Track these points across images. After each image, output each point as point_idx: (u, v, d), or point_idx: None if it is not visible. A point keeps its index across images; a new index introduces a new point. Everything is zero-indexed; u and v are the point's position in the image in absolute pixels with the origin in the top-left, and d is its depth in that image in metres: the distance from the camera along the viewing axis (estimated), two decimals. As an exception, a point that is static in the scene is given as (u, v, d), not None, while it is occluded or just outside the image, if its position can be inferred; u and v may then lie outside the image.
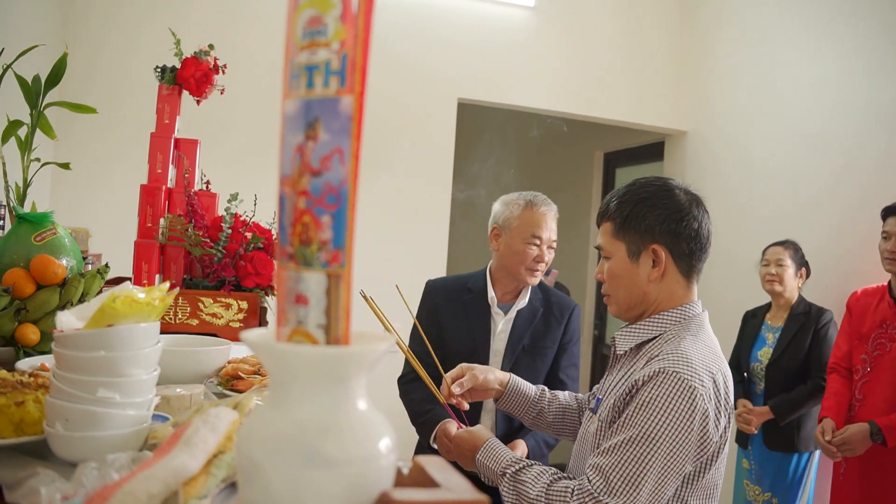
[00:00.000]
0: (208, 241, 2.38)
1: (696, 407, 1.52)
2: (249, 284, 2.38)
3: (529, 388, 2.08)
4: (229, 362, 1.56)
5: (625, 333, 1.79)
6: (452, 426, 2.44)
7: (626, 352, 1.77)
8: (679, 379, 1.53)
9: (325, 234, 0.58)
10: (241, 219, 2.47)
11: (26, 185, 2.75)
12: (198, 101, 2.66)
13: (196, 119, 3.12)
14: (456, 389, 1.95)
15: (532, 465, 1.66)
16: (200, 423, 0.77)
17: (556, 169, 7.14)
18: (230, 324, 2.35)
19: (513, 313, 2.72)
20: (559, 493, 1.55)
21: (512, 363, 2.66)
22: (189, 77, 2.54)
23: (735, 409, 3.86)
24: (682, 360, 1.57)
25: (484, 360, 2.65)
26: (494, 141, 6.92)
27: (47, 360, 1.41)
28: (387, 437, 0.62)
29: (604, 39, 5.18)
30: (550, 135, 6.97)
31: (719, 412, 1.58)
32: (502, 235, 2.76)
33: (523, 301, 2.74)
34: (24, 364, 1.35)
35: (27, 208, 2.73)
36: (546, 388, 2.13)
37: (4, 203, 2.59)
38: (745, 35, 4.85)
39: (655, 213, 1.72)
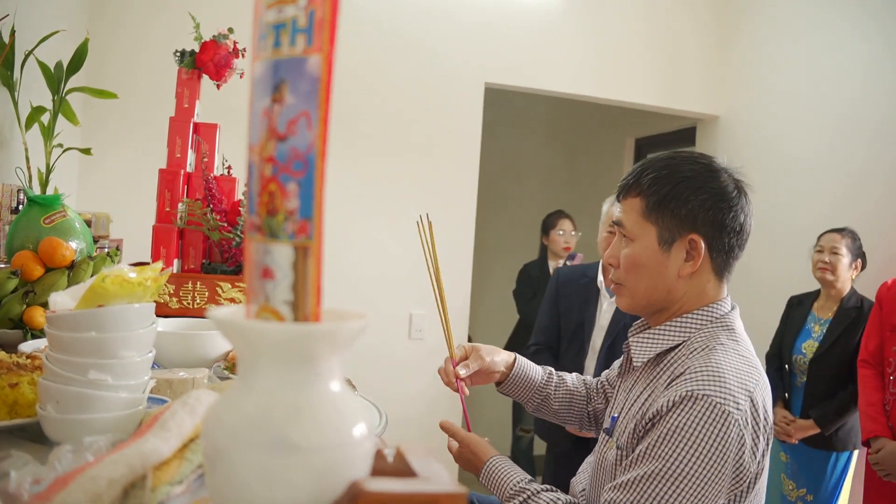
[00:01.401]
0: (226, 225, 2.35)
1: (730, 435, 1.29)
2: (268, 269, 2.36)
3: (536, 372, 1.92)
4: (238, 346, 1.53)
5: (642, 340, 1.54)
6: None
7: (642, 364, 1.54)
8: (711, 404, 1.30)
9: (292, 202, 0.54)
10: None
11: (49, 170, 2.76)
12: (218, 86, 2.64)
13: (217, 103, 3.10)
14: (462, 371, 1.78)
15: (541, 491, 1.49)
16: (179, 406, 0.74)
17: (586, 155, 7.06)
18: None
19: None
20: None
21: (612, 339, 3.08)
22: (208, 61, 2.52)
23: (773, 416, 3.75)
24: (713, 378, 1.33)
25: (588, 335, 3.17)
26: (522, 126, 6.86)
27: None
28: (362, 423, 0.58)
29: (634, 22, 5.08)
30: (580, 120, 6.90)
31: (757, 437, 1.35)
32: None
33: None
34: (28, 346, 1.33)
35: (50, 193, 2.74)
36: (554, 372, 1.96)
37: (22, 187, 2.59)
38: (781, 16, 4.74)
39: (700, 198, 1.46)
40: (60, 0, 3.63)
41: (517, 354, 1.92)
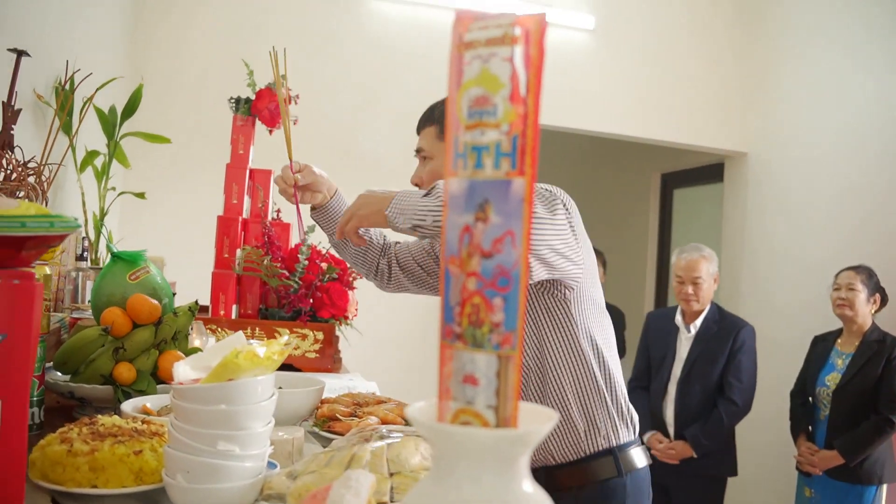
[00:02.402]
0: (285, 272, 2.40)
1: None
2: (325, 315, 2.40)
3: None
4: (323, 402, 1.56)
5: None
6: None
7: None
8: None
9: (497, 316, 0.58)
10: (317, 249, 2.49)
11: (103, 213, 2.81)
12: (270, 131, 2.69)
13: (269, 148, 3.15)
14: (299, 177, 1.96)
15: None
16: (343, 489, 0.77)
17: (612, 190, 7.10)
18: (306, 354, 2.37)
19: (693, 330, 3.84)
20: None
21: (689, 368, 3.78)
22: (263, 108, 2.57)
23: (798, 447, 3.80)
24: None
25: (669, 365, 3.88)
26: (550, 163, 6.90)
27: (148, 401, 1.43)
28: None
29: (663, 61, 5.13)
30: (606, 156, 6.94)
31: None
32: None
33: (699, 321, 3.83)
34: (128, 406, 1.36)
35: (104, 236, 2.79)
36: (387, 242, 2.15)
37: (84, 235, 2.64)
38: (810, 55, 4.78)
39: None
40: (117, 47, 3.70)
41: (338, 190, 2.08)
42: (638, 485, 1.79)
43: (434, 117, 1.91)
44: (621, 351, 4.88)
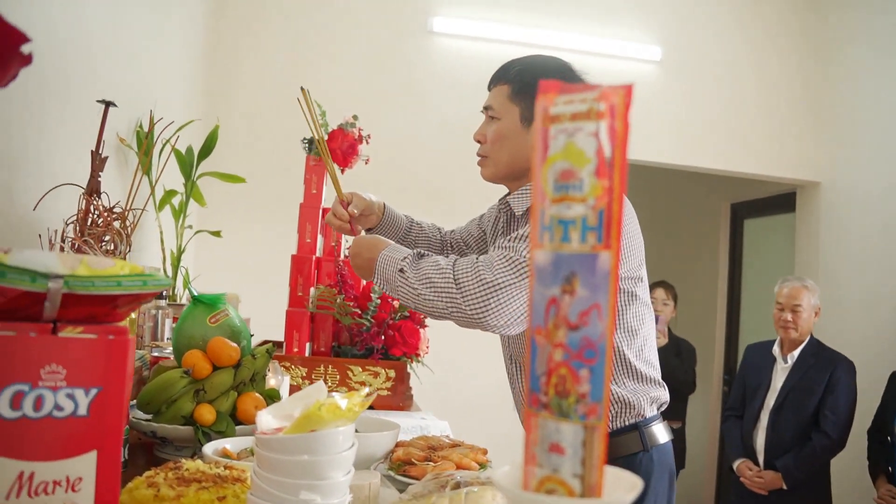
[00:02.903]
0: (357, 311, 2.43)
1: None
2: (397, 353, 2.42)
3: (402, 219, 2.19)
4: (398, 445, 1.58)
5: (518, 196, 1.85)
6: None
7: (523, 213, 1.83)
8: None
9: (584, 387, 0.59)
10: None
11: (180, 251, 2.89)
12: (342, 170, 2.73)
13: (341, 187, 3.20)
14: (354, 211, 2.03)
15: (425, 256, 1.68)
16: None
17: (680, 222, 7.03)
18: (378, 391, 2.39)
19: (790, 360, 3.85)
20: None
21: (782, 400, 3.79)
22: (336, 148, 2.62)
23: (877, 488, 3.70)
24: None
25: (764, 392, 3.91)
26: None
27: (228, 443, 1.46)
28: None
29: (731, 89, 5.09)
30: (673, 187, 6.88)
31: None
32: None
33: (797, 352, 3.84)
34: (209, 449, 1.40)
35: (180, 274, 2.87)
36: (412, 219, 2.23)
37: (163, 273, 2.71)
38: (883, 79, 4.68)
39: None
40: (194, 91, 3.82)
41: (386, 203, 2.17)
42: (662, 458, 1.86)
43: (509, 76, 1.87)
44: (691, 385, 4.85)
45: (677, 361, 4.73)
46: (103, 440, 0.90)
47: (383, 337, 2.43)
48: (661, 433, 1.88)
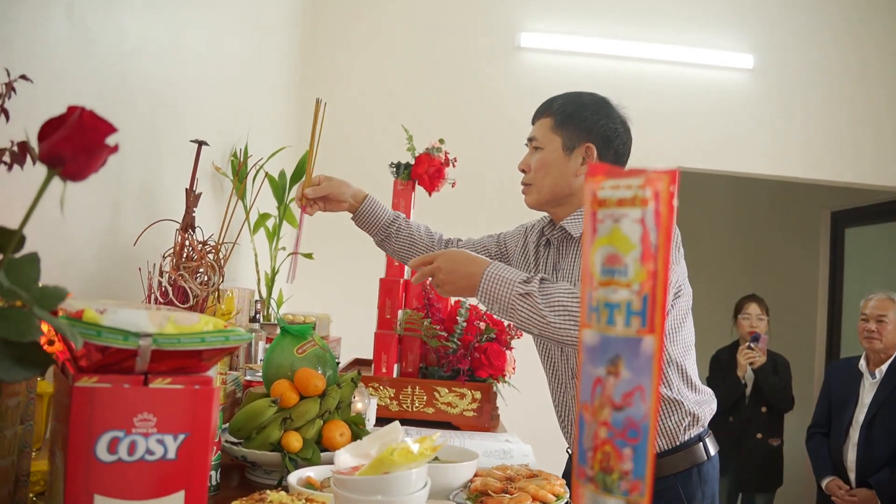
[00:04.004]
0: (444, 334, 2.47)
1: None
2: (483, 375, 2.45)
3: (383, 213, 2.29)
4: (477, 474, 1.61)
5: (572, 220, 1.99)
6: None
7: (580, 235, 1.89)
8: None
9: (627, 465, 0.61)
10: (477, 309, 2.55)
11: (274, 272, 2.99)
12: (429, 193, 2.78)
13: (429, 211, 3.25)
14: (309, 192, 2.12)
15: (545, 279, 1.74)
16: None
17: (774, 232, 6.86)
18: (464, 413, 2.43)
19: (878, 376, 3.80)
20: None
21: (872, 415, 3.71)
22: (423, 173, 2.67)
23: None
24: None
25: (852, 408, 3.86)
26: (711, 208, 6.73)
27: (312, 472, 1.51)
28: None
29: (828, 96, 4.94)
30: (767, 196, 6.71)
31: None
32: None
33: (885, 367, 3.77)
34: (294, 478, 1.45)
35: (274, 295, 2.96)
36: (401, 216, 2.33)
37: (258, 297, 2.81)
38: None
39: (595, 117, 1.98)
40: (285, 119, 3.94)
41: (369, 195, 2.29)
42: (716, 467, 2.02)
43: (552, 110, 2.02)
44: (790, 402, 4.73)
45: (775, 378, 4.63)
46: (190, 481, 0.96)
47: (469, 359, 2.47)
48: (713, 444, 2.04)
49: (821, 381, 5.93)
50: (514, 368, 2.58)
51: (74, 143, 0.68)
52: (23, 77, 0.90)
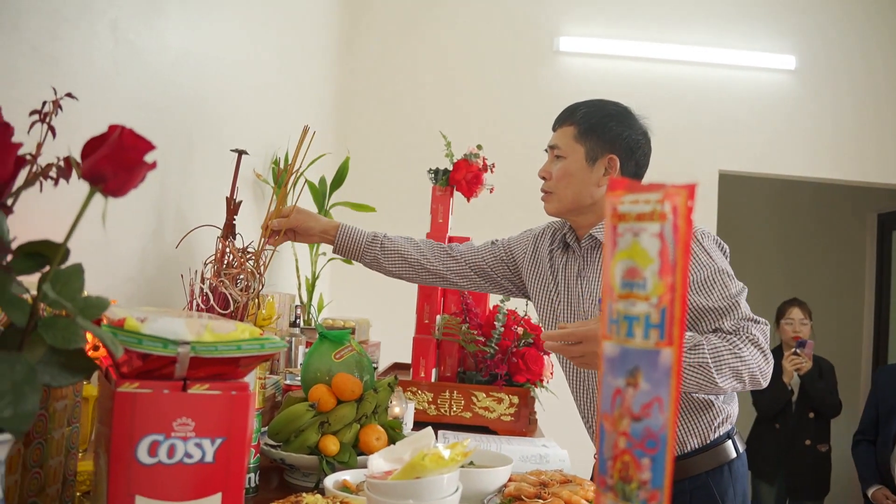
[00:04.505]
0: (482, 339, 2.49)
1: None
2: (521, 380, 2.47)
3: (359, 235, 2.25)
4: (511, 479, 1.62)
5: (600, 229, 1.99)
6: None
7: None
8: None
9: (645, 474, 0.62)
10: (514, 314, 2.57)
11: (315, 277, 3.03)
12: (468, 199, 2.80)
13: (467, 217, 3.27)
14: (274, 223, 2.04)
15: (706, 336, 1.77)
16: None
17: (817, 235, 6.77)
18: (501, 417, 2.44)
19: None
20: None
21: None
22: (461, 179, 2.69)
23: None
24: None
25: None
26: (755, 213, 6.66)
27: (348, 475, 1.54)
28: None
29: (873, 96, 4.87)
30: (810, 199, 6.63)
31: None
32: None
33: None
34: (330, 481, 1.48)
35: (315, 299, 3.00)
36: (380, 234, 2.28)
37: (298, 302, 2.85)
38: None
39: (619, 129, 1.99)
40: (326, 127, 3.99)
41: (342, 224, 2.25)
42: (745, 464, 2.04)
43: (576, 119, 2.03)
44: (838, 407, 4.66)
45: (822, 384, 4.56)
46: (227, 483, 0.99)
47: (507, 364, 2.48)
48: (741, 442, 2.05)
49: (867, 386, 5.86)
50: (551, 373, 2.59)
51: (115, 161, 0.71)
52: (68, 95, 0.94)
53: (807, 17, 4.84)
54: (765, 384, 1.81)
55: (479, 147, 2.75)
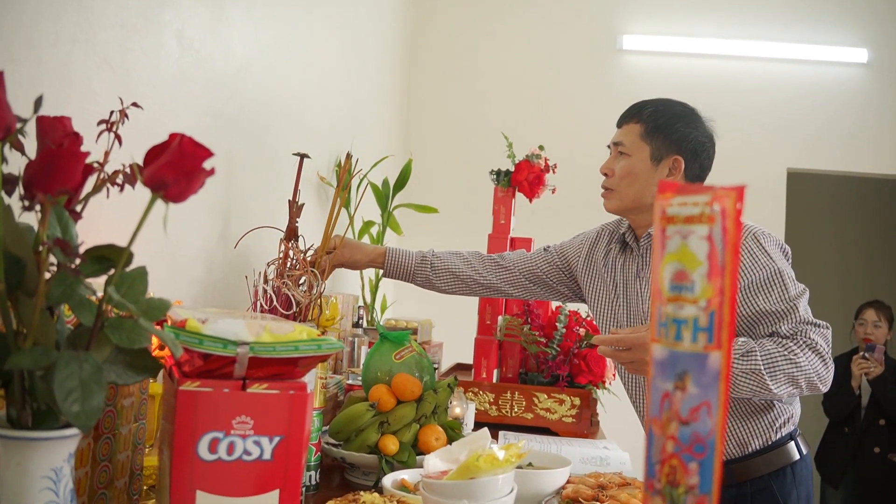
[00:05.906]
0: (543, 340, 2.49)
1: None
2: (582, 381, 2.46)
3: (408, 258, 2.28)
4: (569, 481, 1.62)
5: None
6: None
7: None
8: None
9: (693, 479, 0.62)
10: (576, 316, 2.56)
11: (378, 279, 3.06)
12: (530, 200, 2.80)
13: (529, 217, 3.26)
14: (322, 260, 2.03)
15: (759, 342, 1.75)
16: None
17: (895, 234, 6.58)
18: (563, 419, 2.44)
19: None
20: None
21: None
22: (523, 180, 2.69)
23: None
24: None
25: None
26: (833, 208, 6.49)
27: (406, 474, 1.56)
28: None
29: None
30: (889, 197, 6.44)
31: None
32: None
33: None
34: (388, 481, 1.50)
35: (378, 300, 3.03)
36: (427, 254, 2.31)
37: (361, 303, 2.88)
38: None
39: (687, 130, 1.96)
40: (388, 130, 4.03)
41: (388, 248, 2.28)
42: (809, 467, 2.01)
43: (643, 117, 2.00)
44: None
45: (895, 390, 4.42)
46: (285, 481, 1.01)
47: (569, 365, 2.48)
48: (804, 443, 2.02)
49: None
50: (613, 375, 2.57)
51: (175, 169, 0.74)
52: (134, 104, 0.97)
53: (878, 8, 4.71)
54: (825, 389, 1.77)
55: (541, 147, 2.75)
